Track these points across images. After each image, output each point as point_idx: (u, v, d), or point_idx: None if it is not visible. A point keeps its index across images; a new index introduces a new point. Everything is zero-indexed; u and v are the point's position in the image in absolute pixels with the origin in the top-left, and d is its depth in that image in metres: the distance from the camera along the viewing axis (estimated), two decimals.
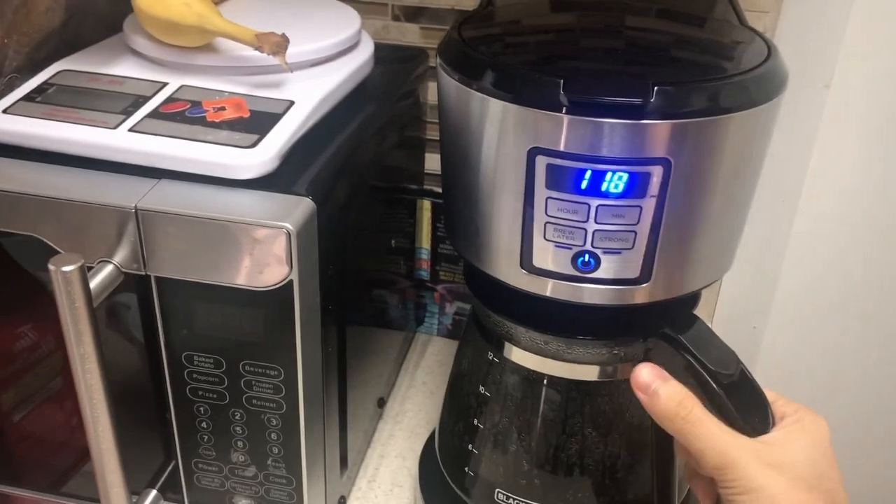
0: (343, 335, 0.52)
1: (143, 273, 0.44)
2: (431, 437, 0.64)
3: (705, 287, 0.45)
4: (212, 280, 0.43)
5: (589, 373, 0.49)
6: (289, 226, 0.41)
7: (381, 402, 0.70)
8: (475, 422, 0.54)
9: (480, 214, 0.44)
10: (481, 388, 0.53)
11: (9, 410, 0.56)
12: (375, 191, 0.59)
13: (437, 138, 0.49)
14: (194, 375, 0.47)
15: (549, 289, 0.43)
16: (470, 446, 0.54)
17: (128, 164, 0.44)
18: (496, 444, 0.53)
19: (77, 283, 0.41)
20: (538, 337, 0.48)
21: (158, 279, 0.44)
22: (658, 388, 0.42)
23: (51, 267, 0.40)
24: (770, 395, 0.42)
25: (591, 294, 0.42)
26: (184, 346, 0.47)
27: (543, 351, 0.49)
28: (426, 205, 0.74)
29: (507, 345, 0.51)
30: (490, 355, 0.52)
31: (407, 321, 0.78)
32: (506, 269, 0.44)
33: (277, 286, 0.43)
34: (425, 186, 0.74)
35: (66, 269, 0.41)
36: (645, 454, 0.52)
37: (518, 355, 0.50)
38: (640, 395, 0.43)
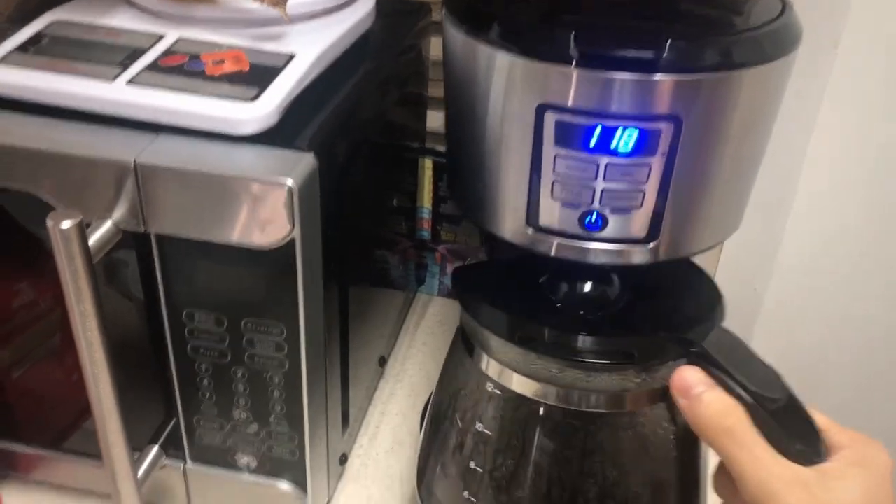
0: (345, 294, 0.52)
1: (143, 230, 0.43)
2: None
3: (711, 248, 0.45)
4: (212, 238, 0.43)
5: (607, 402, 0.45)
6: (291, 181, 0.40)
7: (382, 361, 0.70)
8: (471, 465, 0.48)
9: (486, 172, 0.43)
10: (479, 426, 0.48)
11: (7, 367, 0.55)
12: (377, 148, 0.58)
13: (440, 96, 0.48)
14: (195, 333, 0.47)
15: (554, 248, 0.42)
16: (466, 494, 0.49)
17: (126, 117, 0.43)
18: (500, 492, 0.47)
19: (75, 239, 0.40)
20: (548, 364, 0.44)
21: (158, 236, 0.44)
22: (702, 393, 0.38)
23: (49, 223, 0.40)
24: (821, 420, 0.38)
25: (597, 254, 0.42)
26: (184, 304, 0.46)
27: (554, 378, 0.44)
28: (428, 164, 0.73)
29: (508, 373, 0.46)
30: (490, 387, 0.47)
31: (408, 281, 0.78)
32: (511, 227, 0.43)
33: (279, 244, 0.42)
34: (427, 145, 0.73)
35: (65, 225, 0.40)
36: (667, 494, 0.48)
37: (520, 384, 0.46)
38: (680, 401, 0.39)
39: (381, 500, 0.59)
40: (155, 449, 0.52)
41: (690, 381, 0.39)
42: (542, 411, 0.45)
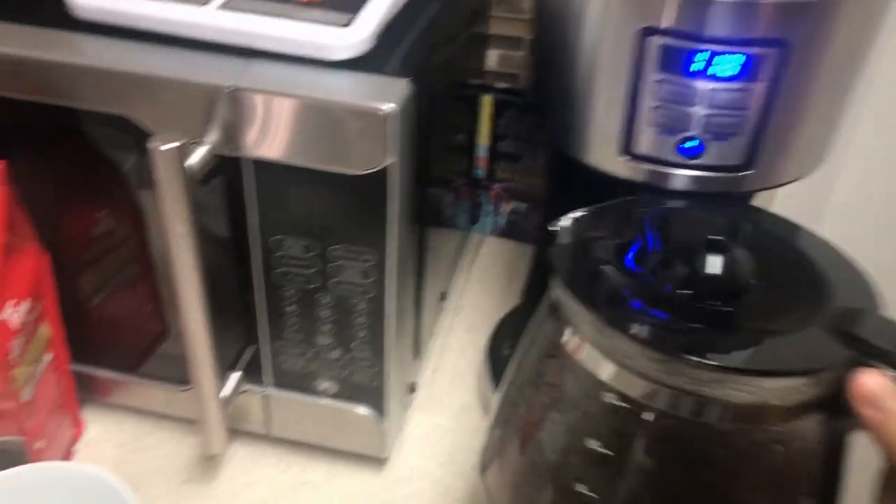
0: (422, 224, 0.53)
1: (236, 155, 0.44)
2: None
3: (801, 178, 0.45)
4: (306, 163, 0.43)
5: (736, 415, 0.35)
6: (389, 107, 0.41)
7: (443, 297, 0.70)
8: (580, 489, 0.39)
9: (577, 100, 0.44)
10: (591, 443, 0.38)
11: (88, 294, 0.57)
12: (451, 82, 0.58)
13: (500, 34, 0.47)
14: (283, 259, 0.48)
15: (647, 175, 0.42)
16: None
17: (218, 42, 0.44)
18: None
19: (176, 162, 0.41)
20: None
21: (251, 162, 0.44)
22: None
23: (150, 146, 0.40)
24: None
25: (692, 181, 0.42)
26: (274, 230, 0.47)
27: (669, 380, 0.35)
28: (488, 100, 0.73)
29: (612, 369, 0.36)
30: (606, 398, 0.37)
31: (464, 219, 0.78)
32: (603, 155, 0.44)
33: (373, 170, 0.43)
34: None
35: (165, 147, 0.40)
36: None
37: (628, 383, 0.36)
38: (866, 412, 0.32)
39: (448, 429, 0.60)
40: (237, 375, 0.54)
41: (877, 388, 0.32)
42: (653, 419, 0.36)
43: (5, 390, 0.47)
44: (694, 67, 0.39)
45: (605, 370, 0.36)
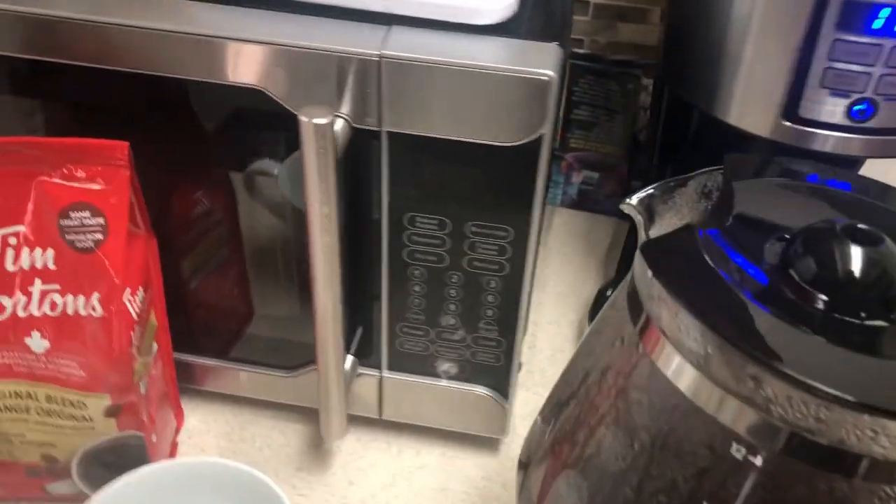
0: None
1: (377, 129, 0.42)
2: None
3: None
4: (455, 136, 0.41)
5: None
6: (550, 73, 0.38)
7: None
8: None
9: (729, 60, 0.42)
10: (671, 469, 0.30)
11: (187, 279, 0.54)
12: None
13: None
14: (414, 238, 0.46)
15: (813, 141, 0.41)
16: None
17: (358, 8, 0.41)
18: None
19: (329, 136, 0.39)
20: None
21: (391, 135, 0.42)
22: None
23: (303, 119, 0.38)
24: None
25: (861, 146, 0.40)
26: (408, 207, 0.45)
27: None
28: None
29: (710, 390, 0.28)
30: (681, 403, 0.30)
31: None
32: (761, 119, 0.42)
33: (527, 140, 0.40)
34: None
35: (319, 121, 0.38)
36: None
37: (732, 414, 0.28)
38: None
39: None
40: (350, 358, 0.52)
41: None
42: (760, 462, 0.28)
43: (128, 384, 0.45)
44: (876, 24, 0.37)
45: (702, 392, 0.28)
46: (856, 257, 0.28)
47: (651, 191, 0.35)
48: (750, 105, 0.42)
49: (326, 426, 0.50)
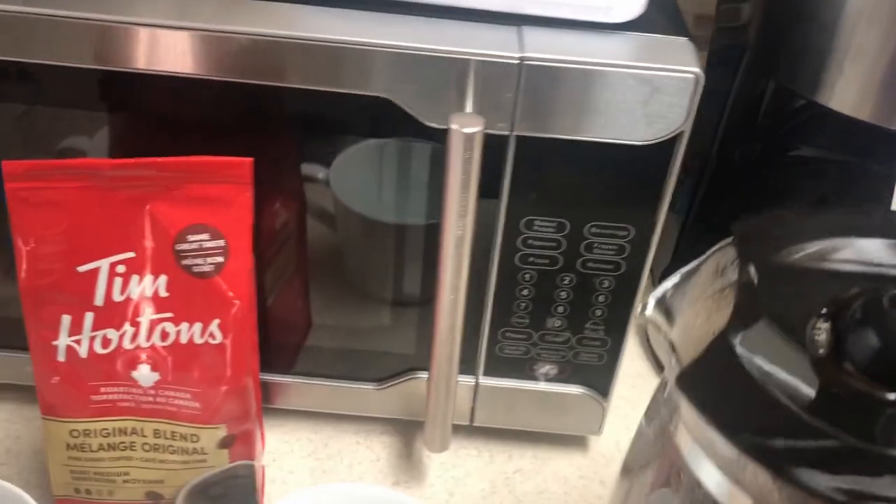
0: None
1: (508, 133, 0.40)
2: None
3: None
4: (590, 136, 0.40)
5: None
6: (696, 70, 0.38)
7: None
8: None
9: (845, 44, 0.42)
10: None
11: (266, 294, 0.52)
12: None
13: None
14: (529, 241, 0.45)
15: None
16: None
17: (487, 10, 0.39)
18: None
19: (478, 146, 0.37)
20: None
21: (520, 139, 0.41)
22: None
23: (453, 127, 0.36)
24: None
25: None
26: (527, 211, 0.43)
27: None
28: None
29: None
30: None
31: None
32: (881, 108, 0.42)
33: (665, 138, 0.40)
34: None
35: (470, 130, 0.37)
36: None
37: None
38: None
39: (630, 399, 0.59)
40: None
41: None
42: None
43: (246, 412, 0.43)
44: None
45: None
46: None
47: (667, 288, 0.32)
48: (865, 93, 0.43)
49: (432, 438, 0.49)
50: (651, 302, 0.32)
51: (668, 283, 0.32)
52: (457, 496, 0.52)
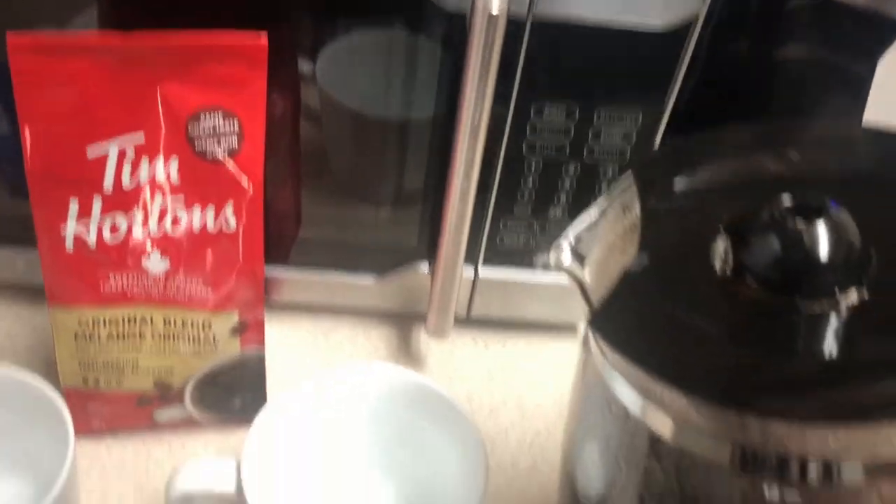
0: None
1: (523, 18, 0.39)
2: None
3: None
4: (607, 18, 0.40)
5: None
6: None
7: None
8: None
9: None
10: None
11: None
12: None
13: None
14: (537, 128, 0.45)
15: None
16: None
17: None
18: None
19: (501, 29, 0.36)
20: None
21: (534, 23, 0.40)
22: None
23: (479, 6, 0.36)
24: None
25: None
26: (537, 96, 0.43)
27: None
28: None
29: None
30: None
31: None
32: None
33: (682, 23, 0.40)
34: None
35: (495, 10, 0.36)
36: None
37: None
38: None
39: None
40: None
41: None
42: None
43: (259, 298, 0.43)
44: None
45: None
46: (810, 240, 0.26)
47: (578, 231, 0.33)
48: None
49: (437, 325, 0.50)
50: (565, 255, 0.32)
51: (579, 227, 0.32)
52: (458, 381, 0.53)
